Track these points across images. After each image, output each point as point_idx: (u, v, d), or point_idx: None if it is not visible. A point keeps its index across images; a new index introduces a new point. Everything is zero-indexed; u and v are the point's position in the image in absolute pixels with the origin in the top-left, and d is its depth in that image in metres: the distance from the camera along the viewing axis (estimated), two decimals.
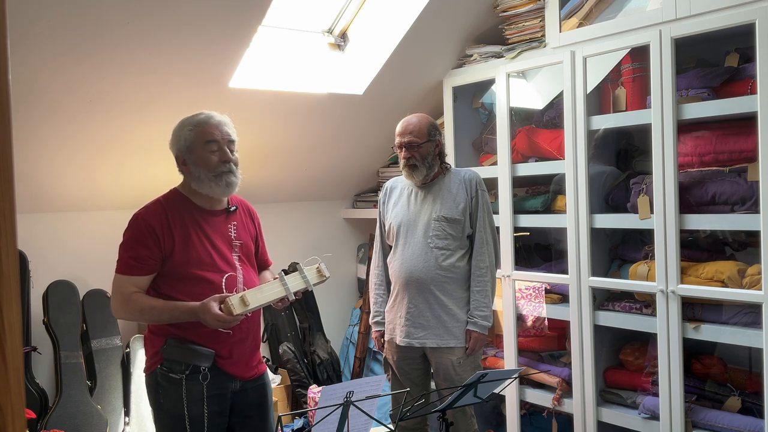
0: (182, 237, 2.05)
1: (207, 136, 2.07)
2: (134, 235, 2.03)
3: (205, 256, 2.07)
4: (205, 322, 1.96)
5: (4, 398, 0.64)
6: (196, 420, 2.02)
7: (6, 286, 0.64)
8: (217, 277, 2.07)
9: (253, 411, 2.18)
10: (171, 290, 2.04)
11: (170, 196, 2.14)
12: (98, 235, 3.30)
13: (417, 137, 2.62)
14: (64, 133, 2.81)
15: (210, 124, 2.09)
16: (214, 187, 2.08)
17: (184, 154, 2.09)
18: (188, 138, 2.08)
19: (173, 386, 2.03)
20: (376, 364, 4.00)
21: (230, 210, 2.19)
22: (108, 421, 3.06)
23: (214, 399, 2.06)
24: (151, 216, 2.05)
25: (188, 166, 2.09)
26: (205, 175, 2.06)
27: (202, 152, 2.06)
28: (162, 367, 2.05)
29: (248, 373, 2.15)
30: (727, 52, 2.66)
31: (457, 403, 2.14)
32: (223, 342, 2.06)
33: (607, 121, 2.87)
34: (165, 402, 2.05)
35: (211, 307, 1.94)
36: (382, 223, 2.83)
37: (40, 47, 2.41)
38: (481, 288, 2.62)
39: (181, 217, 2.08)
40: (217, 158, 2.07)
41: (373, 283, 2.85)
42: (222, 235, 2.13)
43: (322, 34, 3.44)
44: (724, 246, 2.75)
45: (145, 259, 2.01)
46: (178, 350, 2.02)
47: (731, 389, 2.64)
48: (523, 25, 3.18)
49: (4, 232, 0.64)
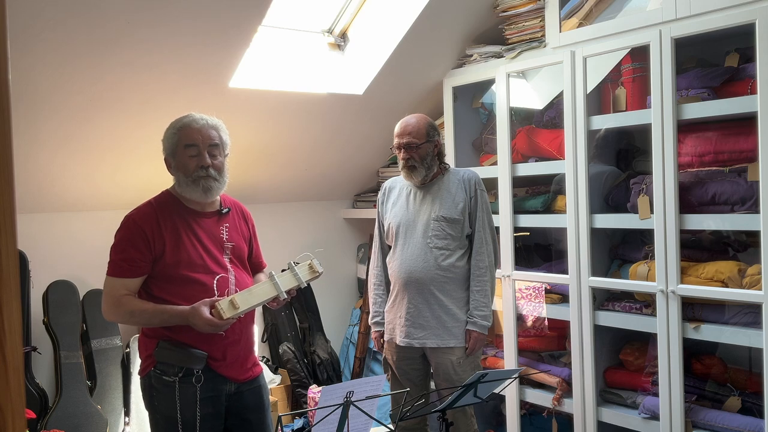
0: (173, 239, 2.04)
1: (187, 140, 2.06)
2: (125, 236, 2.03)
3: (195, 258, 2.06)
4: (195, 327, 1.95)
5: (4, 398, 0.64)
6: (189, 423, 2.01)
7: (6, 286, 0.64)
8: (208, 278, 2.06)
9: (250, 414, 2.16)
10: (162, 292, 2.03)
11: (161, 197, 2.13)
12: (98, 235, 3.30)
13: (416, 138, 2.62)
14: (64, 132, 2.81)
15: (191, 128, 2.07)
16: (191, 191, 2.07)
17: (168, 157, 2.10)
18: (172, 141, 2.08)
19: (167, 389, 2.02)
20: (376, 364, 4.00)
21: (222, 212, 2.18)
22: (108, 421, 3.06)
23: (208, 401, 2.04)
24: (141, 218, 2.04)
25: (172, 169, 2.10)
26: (183, 179, 2.07)
27: (181, 156, 2.06)
28: (155, 370, 2.03)
29: (243, 375, 2.14)
30: (727, 52, 2.66)
31: (457, 403, 2.14)
32: (216, 344, 2.05)
33: (607, 121, 2.87)
34: (159, 405, 2.04)
35: (201, 311, 1.93)
36: (380, 223, 2.83)
37: (39, 47, 2.41)
38: (480, 288, 2.63)
39: (171, 219, 2.07)
40: (194, 163, 2.05)
41: (372, 284, 2.84)
42: (213, 236, 2.13)
43: (322, 34, 3.44)
44: (725, 246, 2.74)
45: (135, 261, 2.00)
46: (170, 353, 2.01)
47: (731, 389, 2.64)
48: (523, 25, 3.18)
49: (4, 232, 0.64)
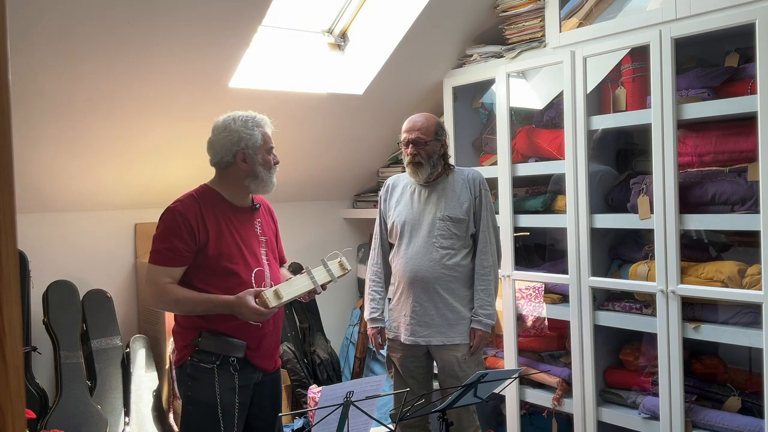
0: (215, 231, 2.13)
1: (270, 142, 2.23)
2: (170, 227, 2.09)
3: (235, 251, 2.14)
4: (240, 315, 2.05)
5: (4, 398, 0.64)
6: (227, 409, 2.09)
7: (6, 286, 0.64)
8: (246, 271, 2.15)
9: (266, 402, 2.26)
10: (202, 283, 2.11)
11: (203, 191, 2.20)
12: (98, 235, 3.31)
13: (424, 135, 2.64)
14: (65, 133, 2.81)
15: (268, 130, 2.24)
16: (264, 186, 2.21)
17: (247, 150, 2.16)
18: (254, 137, 2.17)
19: (206, 375, 2.09)
20: (376, 364, 4.00)
21: (255, 207, 2.28)
22: (108, 421, 3.06)
23: (242, 390, 2.13)
24: (186, 209, 2.11)
25: (243, 162, 2.16)
26: (263, 173, 2.19)
27: (264, 154, 2.20)
28: (193, 359, 2.11)
29: (271, 365, 2.25)
30: (727, 52, 2.66)
31: (457, 403, 2.14)
32: (252, 334, 2.14)
33: (607, 121, 2.87)
34: (195, 393, 2.12)
35: (248, 300, 2.02)
36: (383, 221, 2.83)
37: (40, 48, 2.41)
38: (485, 287, 2.64)
39: (213, 212, 2.15)
40: (273, 160, 2.24)
41: (371, 280, 2.83)
42: (250, 230, 2.23)
43: (322, 34, 3.44)
44: (724, 246, 2.75)
45: (180, 251, 2.08)
46: (212, 342, 2.10)
47: (731, 389, 2.64)
48: (523, 25, 3.18)
49: (4, 232, 0.64)
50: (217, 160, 2.19)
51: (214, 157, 2.19)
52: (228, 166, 2.18)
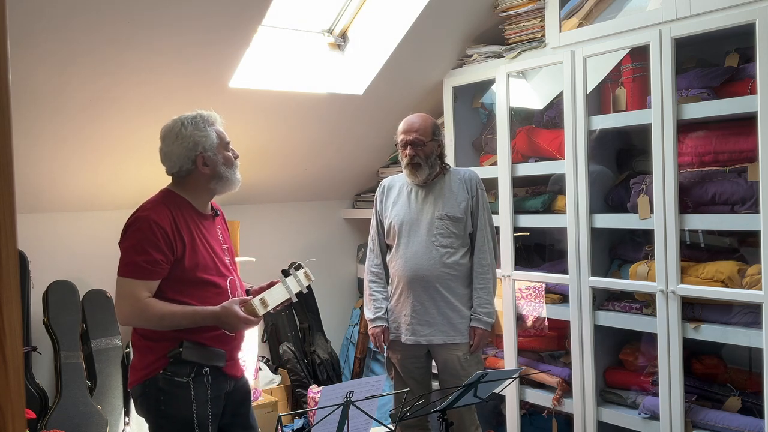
0: (190, 241, 2.02)
1: (225, 137, 2.11)
2: (146, 237, 1.94)
3: (209, 261, 2.06)
4: (226, 325, 1.98)
5: (4, 398, 0.64)
6: (202, 422, 2.02)
7: (6, 286, 0.64)
8: (221, 281, 2.08)
9: (241, 409, 2.20)
10: (179, 295, 1.99)
11: (170, 197, 2.07)
12: (98, 235, 3.30)
13: (422, 135, 2.63)
14: (64, 132, 2.81)
15: (221, 125, 2.12)
16: (230, 184, 2.11)
17: (207, 152, 2.04)
18: (210, 138, 2.05)
19: (180, 390, 1.99)
20: (376, 364, 4.00)
21: (216, 213, 2.20)
22: (108, 421, 3.06)
23: (215, 401, 2.06)
24: (161, 218, 1.97)
25: (209, 166, 2.06)
26: (227, 172, 2.08)
27: (223, 150, 2.09)
28: (166, 372, 1.99)
29: (239, 372, 2.19)
30: (727, 52, 2.66)
31: (457, 403, 2.14)
32: (227, 344, 2.07)
33: (607, 121, 2.87)
34: (167, 408, 2.00)
35: (236, 310, 1.97)
36: (379, 221, 2.83)
37: (40, 47, 2.41)
38: (484, 285, 2.65)
39: (185, 220, 2.04)
40: (233, 155, 2.12)
41: (370, 280, 2.82)
42: (215, 238, 2.14)
43: (322, 34, 3.44)
44: (724, 246, 2.74)
45: (159, 263, 1.95)
46: (195, 352, 1.99)
47: (731, 389, 2.64)
48: (523, 25, 3.18)
49: (4, 232, 0.64)
50: (177, 170, 2.05)
51: (172, 167, 2.06)
52: (189, 174, 2.05)
